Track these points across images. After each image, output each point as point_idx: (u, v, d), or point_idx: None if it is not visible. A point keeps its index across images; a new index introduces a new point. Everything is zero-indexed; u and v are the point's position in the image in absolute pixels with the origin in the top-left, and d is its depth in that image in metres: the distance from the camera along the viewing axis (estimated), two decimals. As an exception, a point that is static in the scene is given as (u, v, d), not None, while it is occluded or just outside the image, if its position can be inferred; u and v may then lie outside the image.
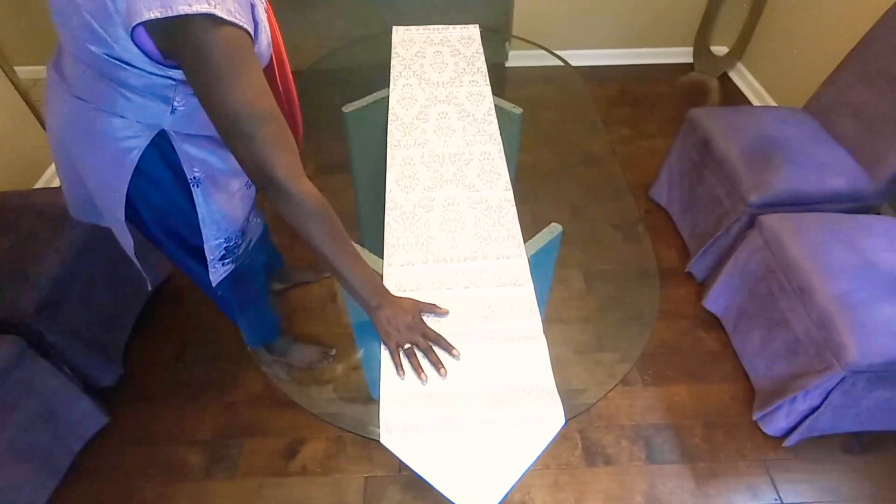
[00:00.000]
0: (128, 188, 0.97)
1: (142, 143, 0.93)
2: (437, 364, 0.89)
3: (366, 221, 1.74)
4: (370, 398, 0.86)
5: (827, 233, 1.46)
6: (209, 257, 1.13)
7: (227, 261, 1.17)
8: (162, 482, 1.47)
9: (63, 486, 1.43)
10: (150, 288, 1.37)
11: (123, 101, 0.88)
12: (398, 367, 0.90)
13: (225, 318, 1.83)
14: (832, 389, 1.33)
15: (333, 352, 1.67)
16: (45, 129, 2.31)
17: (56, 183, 2.33)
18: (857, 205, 1.67)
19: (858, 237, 1.45)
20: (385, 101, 1.47)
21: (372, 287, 0.93)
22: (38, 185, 2.26)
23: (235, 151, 0.82)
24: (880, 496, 1.43)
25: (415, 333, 0.92)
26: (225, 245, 1.14)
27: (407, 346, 0.91)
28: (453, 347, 0.91)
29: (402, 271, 1.04)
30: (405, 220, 1.13)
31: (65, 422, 1.42)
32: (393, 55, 1.63)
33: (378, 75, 1.59)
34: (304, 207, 0.84)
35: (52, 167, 2.34)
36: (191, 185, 1.01)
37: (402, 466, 1.48)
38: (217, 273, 1.17)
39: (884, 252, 1.41)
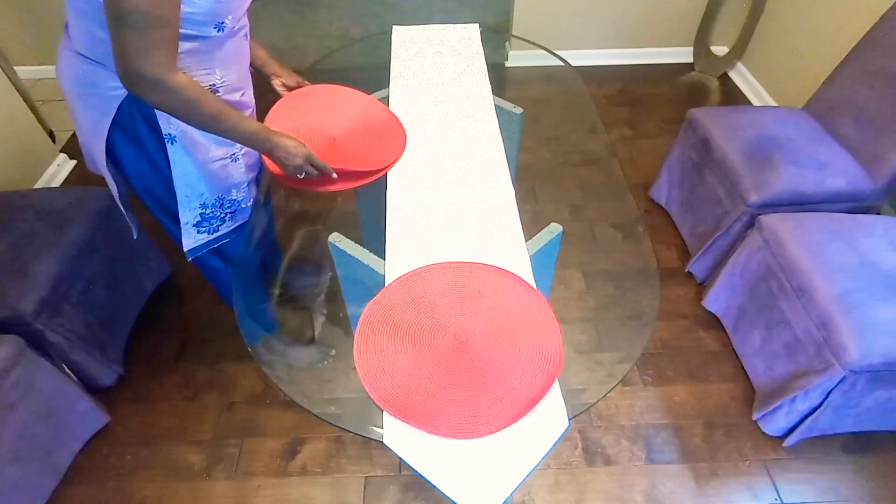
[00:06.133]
0: (111, 145, 1.08)
1: (124, 92, 0.99)
2: (324, 177, 1.15)
3: (367, 222, 1.74)
4: (370, 398, 0.86)
5: (827, 233, 1.47)
6: (182, 220, 1.18)
7: (202, 229, 1.23)
8: (162, 482, 1.47)
9: (63, 486, 1.43)
10: (135, 237, 1.39)
11: (108, 49, 0.92)
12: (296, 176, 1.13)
13: (225, 319, 1.83)
14: (832, 389, 1.33)
15: (333, 352, 1.67)
16: (44, 128, 2.33)
17: (56, 183, 2.33)
18: (857, 205, 1.68)
19: (858, 237, 1.45)
20: (385, 102, 1.47)
21: (263, 135, 1.07)
22: (38, 185, 2.26)
23: (120, 40, 0.86)
24: (880, 496, 1.44)
25: (307, 164, 1.12)
26: (200, 211, 1.19)
27: (301, 175, 1.13)
28: (333, 172, 1.15)
29: (405, 272, 1.04)
30: (406, 221, 1.13)
31: (65, 422, 1.42)
32: (393, 55, 1.63)
33: (378, 75, 1.59)
34: (181, 96, 0.93)
35: (52, 167, 2.34)
36: (166, 141, 1.07)
37: (402, 466, 1.48)
38: (190, 238, 1.23)
39: (884, 252, 1.41)
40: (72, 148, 2.48)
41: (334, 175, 1.16)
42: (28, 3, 2.70)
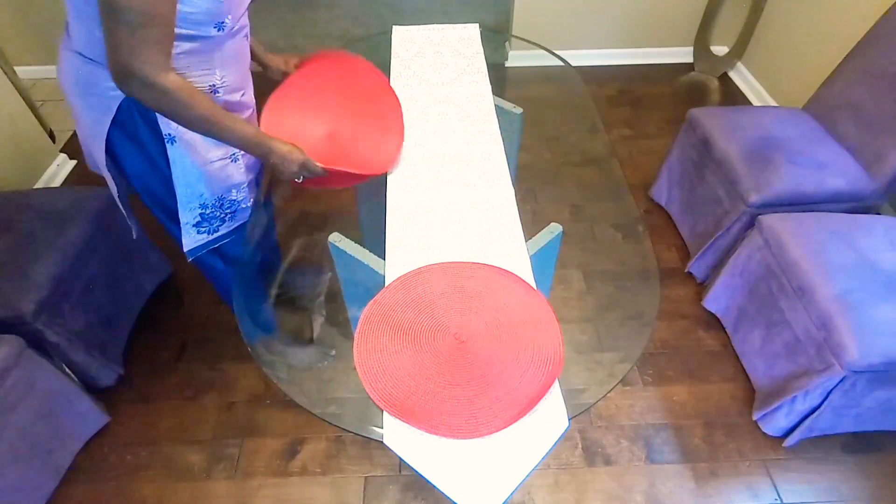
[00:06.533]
0: (111, 144, 1.08)
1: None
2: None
3: (367, 222, 1.74)
4: (370, 398, 0.86)
5: (827, 233, 1.47)
6: (182, 220, 1.19)
7: (202, 229, 1.23)
8: (162, 482, 1.47)
9: (63, 486, 1.43)
10: (135, 237, 1.40)
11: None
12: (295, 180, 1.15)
13: (225, 319, 1.83)
14: (832, 389, 1.33)
15: (333, 352, 1.67)
16: (45, 128, 2.33)
17: (56, 183, 2.33)
18: (857, 205, 1.68)
19: (858, 237, 1.45)
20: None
21: (257, 140, 1.07)
22: (38, 185, 2.26)
23: (112, 37, 0.86)
24: (880, 496, 1.44)
25: (302, 170, 1.12)
26: (200, 212, 1.20)
27: (300, 180, 1.14)
28: (326, 172, 1.15)
29: (405, 272, 1.04)
30: (406, 221, 1.13)
31: (65, 422, 1.42)
32: (393, 55, 1.63)
33: (378, 75, 1.59)
34: (172, 96, 0.93)
35: (52, 167, 2.34)
36: (165, 141, 1.07)
37: (402, 466, 1.48)
38: (190, 238, 1.23)
39: (884, 252, 1.41)
40: (72, 148, 2.48)
41: (326, 174, 1.17)
42: (28, 3, 2.69)
